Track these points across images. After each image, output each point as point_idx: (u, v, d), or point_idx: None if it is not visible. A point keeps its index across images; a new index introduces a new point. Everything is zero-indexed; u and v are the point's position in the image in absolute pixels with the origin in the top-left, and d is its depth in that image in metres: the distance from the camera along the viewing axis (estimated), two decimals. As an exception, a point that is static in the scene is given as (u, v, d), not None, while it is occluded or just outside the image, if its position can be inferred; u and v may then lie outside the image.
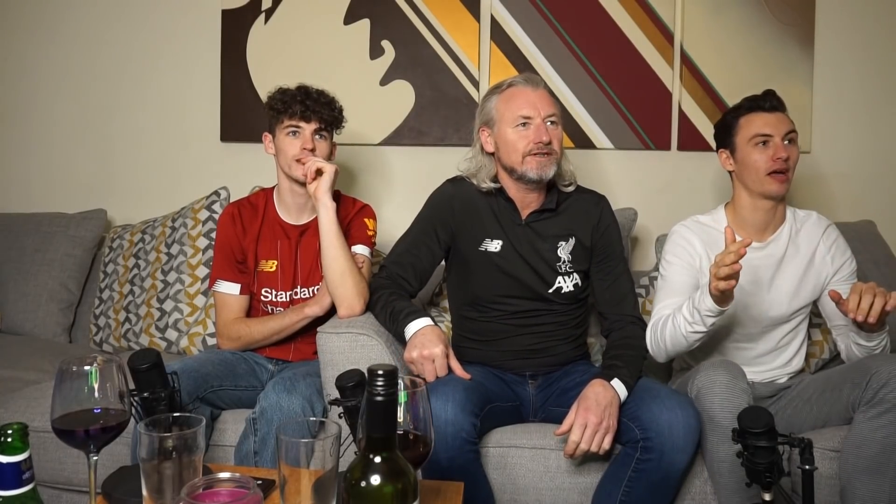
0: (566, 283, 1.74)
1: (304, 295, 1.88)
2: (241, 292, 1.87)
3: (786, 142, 1.70)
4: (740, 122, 1.74)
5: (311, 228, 1.88)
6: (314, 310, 1.80)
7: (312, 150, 1.79)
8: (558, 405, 1.66)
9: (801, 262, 1.75)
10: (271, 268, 1.88)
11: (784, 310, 1.74)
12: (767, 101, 1.73)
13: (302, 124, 1.80)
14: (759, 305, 1.73)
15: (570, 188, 1.81)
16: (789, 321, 1.76)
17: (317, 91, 1.84)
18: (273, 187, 1.96)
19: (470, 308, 1.79)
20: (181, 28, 2.55)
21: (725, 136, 1.78)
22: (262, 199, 1.94)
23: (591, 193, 1.85)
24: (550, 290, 1.73)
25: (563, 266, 1.74)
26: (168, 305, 2.19)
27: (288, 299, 1.88)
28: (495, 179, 1.77)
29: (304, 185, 1.80)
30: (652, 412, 1.47)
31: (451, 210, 1.78)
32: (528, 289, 1.73)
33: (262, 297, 1.89)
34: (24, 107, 2.64)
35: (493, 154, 1.77)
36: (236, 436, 1.62)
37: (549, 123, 1.69)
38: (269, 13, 2.48)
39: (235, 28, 2.49)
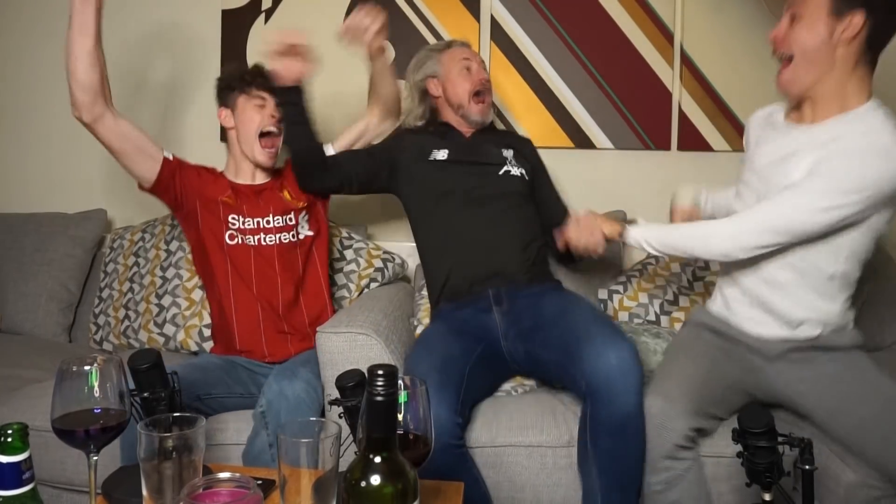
0: (514, 169, 1.98)
1: (278, 223, 1.91)
2: (157, 150, 1.94)
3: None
4: None
5: (268, 190, 1.96)
6: None
7: (280, 121, 1.89)
8: (542, 347, 1.65)
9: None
10: (231, 200, 1.92)
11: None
12: None
13: (267, 96, 1.90)
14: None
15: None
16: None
17: None
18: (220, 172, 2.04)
19: (429, 213, 1.93)
20: (181, 28, 2.55)
21: None
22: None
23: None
24: (500, 172, 1.95)
25: (508, 161, 1.99)
26: (166, 301, 2.18)
27: (256, 226, 1.90)
28: (422, 118, 2.08)
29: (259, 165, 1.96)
30: (589, 359, 1.46)
31: (403, 136, 2.06)
32: (479, 167, 1.94)
33: (229, 225, 1.89)
34: (25, 107, 2.64)
35: (436, 98, 2.05)
36: (237, 435, 1.62)
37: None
38: (269, 13, 2.48)
39: (235, 28, 2.49)
